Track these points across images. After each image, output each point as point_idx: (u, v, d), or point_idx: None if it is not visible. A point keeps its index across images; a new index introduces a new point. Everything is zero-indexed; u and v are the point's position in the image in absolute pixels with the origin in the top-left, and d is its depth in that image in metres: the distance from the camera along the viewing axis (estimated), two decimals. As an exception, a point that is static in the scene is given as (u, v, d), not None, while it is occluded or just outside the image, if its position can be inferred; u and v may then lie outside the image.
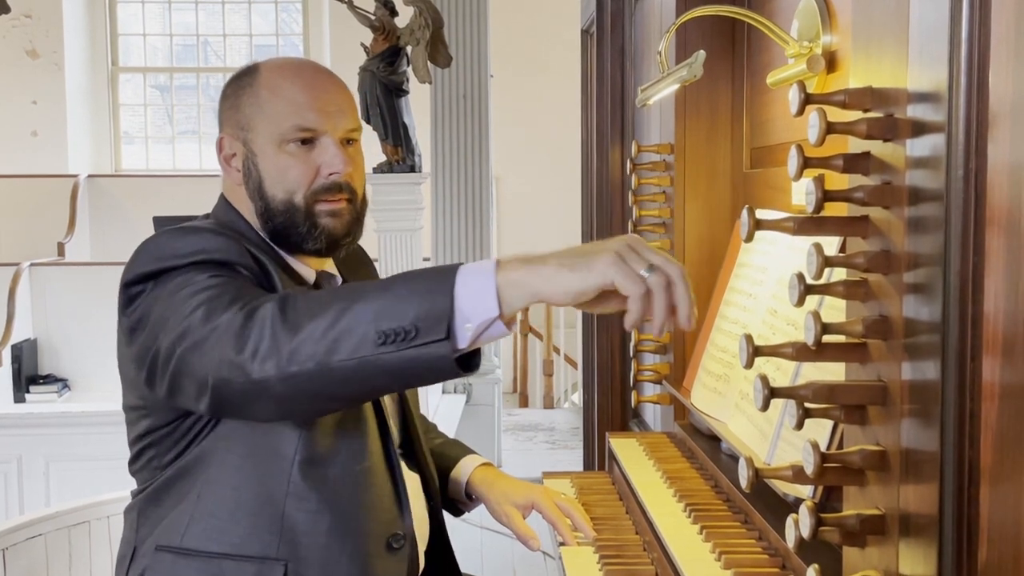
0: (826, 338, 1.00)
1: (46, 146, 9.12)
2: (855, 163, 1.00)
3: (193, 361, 1.35)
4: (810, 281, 1.01)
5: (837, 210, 1.03)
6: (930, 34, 0.89)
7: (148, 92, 10.02)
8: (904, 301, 0.93)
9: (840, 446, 1.29)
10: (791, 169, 1.04)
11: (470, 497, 1.86)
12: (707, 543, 1.57)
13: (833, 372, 1.28)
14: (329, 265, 1.70)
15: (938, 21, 0.87)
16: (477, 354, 1.29)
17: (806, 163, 1.02)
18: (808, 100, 1.05)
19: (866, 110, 0.99)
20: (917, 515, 0.91)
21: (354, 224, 1.62)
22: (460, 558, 1.82)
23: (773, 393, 1.03)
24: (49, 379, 6.64)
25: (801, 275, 1.01)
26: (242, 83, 1.62)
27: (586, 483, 2.22)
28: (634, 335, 2.39)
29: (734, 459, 1.82)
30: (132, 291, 1.49)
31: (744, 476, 1.08)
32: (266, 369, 1.28)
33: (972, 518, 0.85)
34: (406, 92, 5.84)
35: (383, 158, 5.74)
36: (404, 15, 5.83)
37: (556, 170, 9.03)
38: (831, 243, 1.40)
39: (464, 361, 1.27)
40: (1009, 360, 0.81)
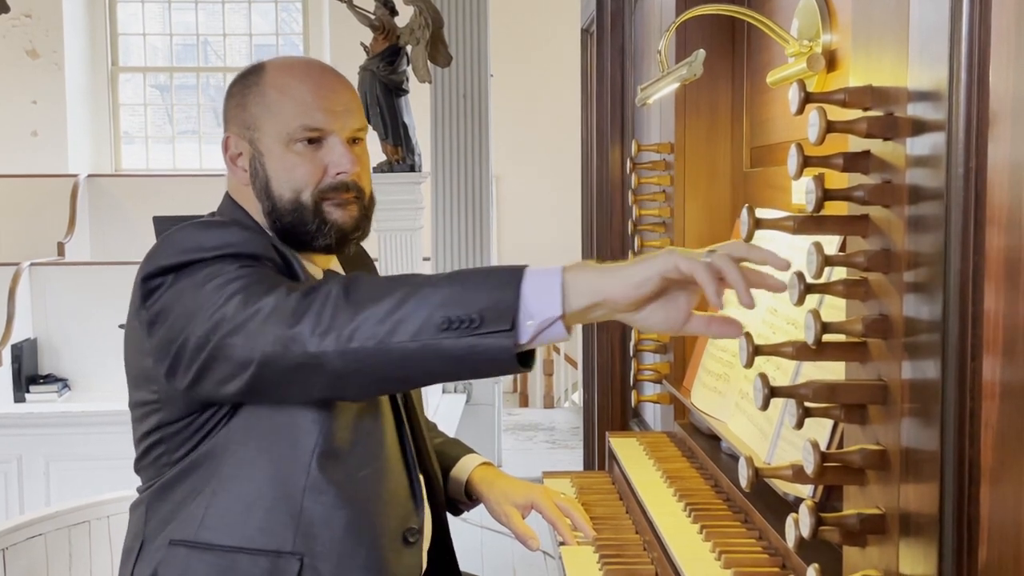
0: (826, 337, 1.00)
1: (46, 146, 9.11)
2: (855, 162, 1.00)
3: (235, 344, 1.36)
4: (810, 280, 1.01)
5: (837, 209, 1.03)
6: (930, 33, 0.88)
7: (148, 92, 10.02)
8: (904, 300, 0.93)
9: (840, 445, 1.29)
10: (791, 168, 1.04)
11: (470, 496, 1.86)
12: (707, 542, 1.57)
13: (833, 371, 1.27)
14: (335, 264, 1.70)
15: (938, 20, 0.87)
16: (534, 352, 1.31)
17: (806, 162, 1.02)
18: (808, 99, 1.04)
19: (866, 109, 0.99)
20: (917, 514, 0.91)
21: (363, 220, 1.62)
22: (460, 558, 1.82)
23: (773, 392, 1.03)
24: (49, 379, 6.64)
25: (801, 274, 1.01)
26: (248, 82, 1.62)
27: (586, 483, 2.22)
28: (634, 335, 2.39)
29: (734, 458, 1.82)
30: (152, 284, 1.49)
31: (744, 475, 1.08)
32: (326, 343, 1.30)
33: (972, 517, 0.85)
34: (406, 91, 5.84)
35: (383, 158, 5.74)
36: (404, 14, 5.83)
37: (556, 170, 9.03)
38: (831, 242, 1.40)
39: (522, 357, 1.28)
40: (1009, 359, 0.81)
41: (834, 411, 1.02)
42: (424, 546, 1.67)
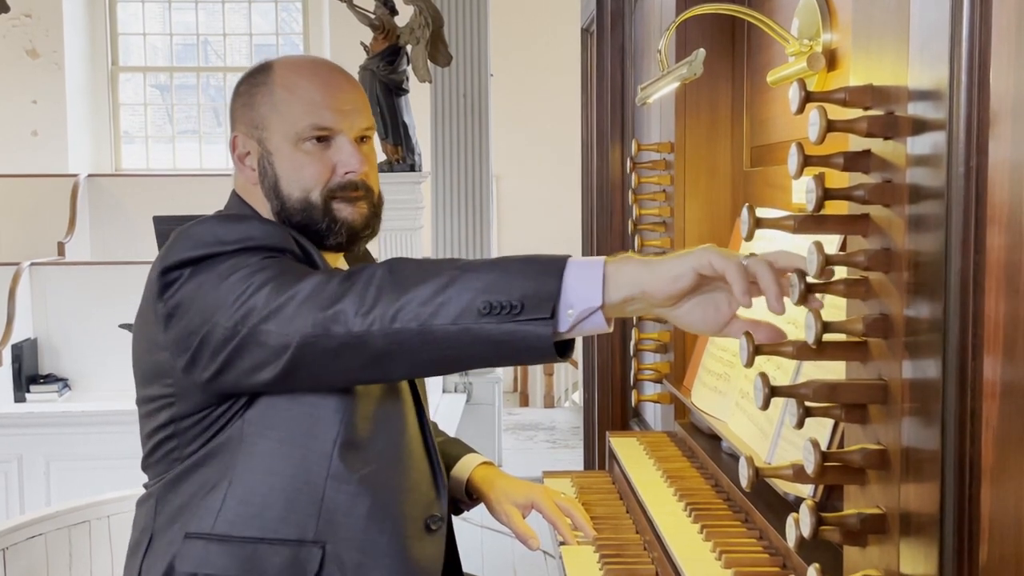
0: (827, 337, 1.00)
1: (46, 146, 9.11)
2: (855, 161, 1.00)
3: (269, 330, 1.37)
4: (811, 279, 1.01)
5: (837, 208, 1.03)
6: (931, 32, 0.88)
7: (148, 92, 10.02)
8: (905, 299, 0.92)
9: (841, 445, 1.29)
10: (791, 167, 1.04)
11: (470, 496, 1.86)
12: (707, 542, 1.57)
13: (834, 371, 1.27)
14: (341, 263, 1.70)
15: (939, 19, 0.87)
16: (572, 342, 1.32)
17: (806, 161, 1.02)
18: (808, 98, 1.04)
19: (866, 108, 0.99)
20: (918, 514, 0.91)
21: (372, 218, 1.63)
22: (460, 557, 1.81)
23: (773, 392, 1.03)
24: (49, 379, 6.63)
25: (801, 273, 1.01)
26: (256, 81, 1.62)
27: (586, 482, 2.22)
28: (634, 334, 2.39)
29: (734, 458, 1.82)
30: (170, 277, 1.49)
31: (744, 475, 1.07)
32: (369, 323, 1.32)
33: (973, 517, 0.85)
34: (406, 91, 5.85)
35: (383, 157, 5.74)
36: (404, 14, 5.83)
37: (556, 169, 9.03)
38: (831, 241, 1.40)
39: (560, 347, 1.30)
40: (1010, 358, 0.81)
41: (835, 411, 1.02)
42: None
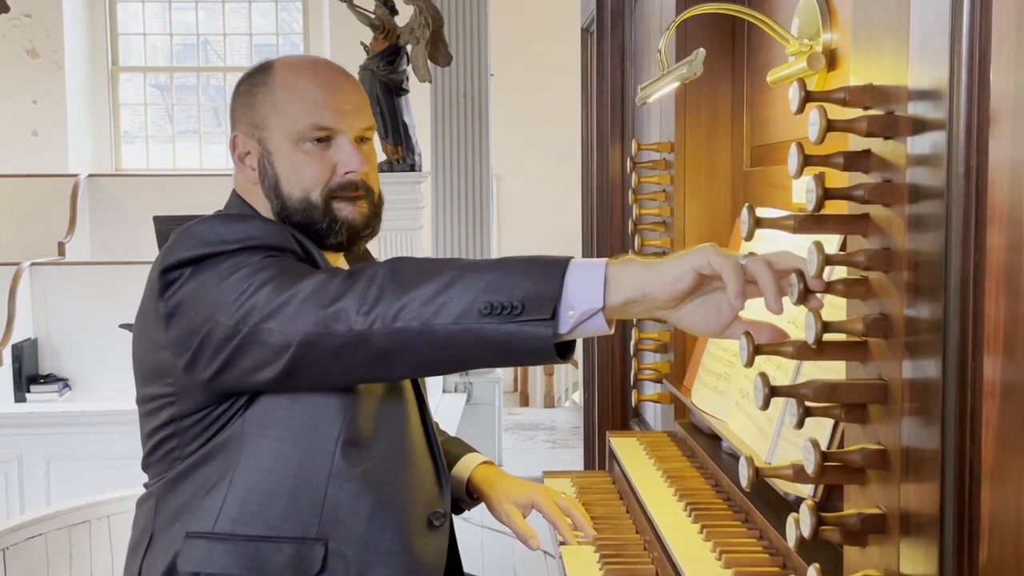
0: (827, 336, 1.00)
1: (46, 146, 9.11)
2: (855, 161, 1.00)
3: (270, 329, 1.37)
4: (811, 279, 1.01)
5: (837, 208, 1.03)
6: (931, 31, 0.88)
7: (148, 92, 10.02)
8: (905, 299, 0.92)
9: (841, 445, 1.29)
10: (791, 167, 1.04)
11: (471, 495, 1.86)
12: (707, 542, 1.57)
13: (834, 371, 1.27)
14: (342, 263, 1.70)
15: (939, 18, 0.87)
16: (573, 344, 1.32)
17: (806, 161, 1.02)
18: (808, 98, 1.04)
19: (866, 108, 0.99)
20: (918, 514, 0.91)
21: (373, 217, 1.63)
22: (461, 557, 1.81)
23: (773, 392, 1.03)
24: (49, 379, 6.63)
25: (801, 273, 1.01)
26: (256, 81, 1.62)
27: (586, 482, 2.22)
28: (635, 334, 2.39)
29: (735, 458, 1.82)
30: (171, 276, 1.49)
31: (744, 475, 1.07)
32: (371, 322, 1.32)
33: (973, 516, 0.85)
34: (406, 91, 5.85)
35: (383, 157, 5.74)
36: (404, 14, 5.83)
37: (556, 169, 9.02)
38: (831, 241, 1.40)
39: (561, 348, 1.30)
40: (1010, 358, 0.81)
41: (835, 410, 1.02)
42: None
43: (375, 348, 1.33)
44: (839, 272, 1.04)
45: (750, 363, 1.06)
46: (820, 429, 1.38)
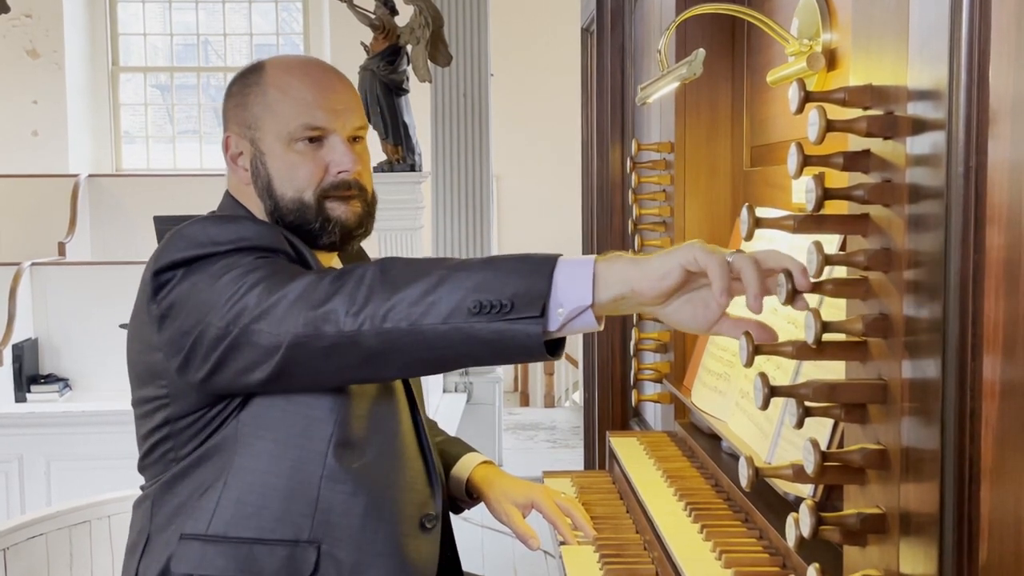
0: (826, 336, 1.00)
1: (46, 146, 9.11)
2: (855, 161, 1.00)
3: (260, 330, 1.37)
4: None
5: (837, 208, 1.03)
6: (930, 31, 0.88)
7: (149, 92, 10.02)
8: (904, 299, 0.92)
9: (840, 445, 1.29)
10: (791, 167, 1.04)
11: (471, 495, 1.86)
12: (707, 542, 1.57)
13: (833, 370, 1.27)
14: (336, 262, 1.70)
15: (938, 18, 0.87)
16: (563, 341, 1.32)
17: (806, 161, 1.02)
18: (808, 98, 1.04)
19: (866, 108, 0.99)
20: (918, 514, 0.91)
21: (366, 217, 1.63)
22: (461, 557, 1.81)
23: (773, 392, 1.03)
24: (50, 379, 6.63)
25: (789, 273, 1.01)
26: (248, 81, 1.62)
27: (586, 482, 2.22)
28: (635, 334, 2.39)
29: (734, 458, 1.82)
30: (163, 278, 1.49)
31: (744, 475, 1.07)
32: (360, 323, 1.32)
33: (973, 516, 0.85)
34: (406, 91, 5.84)
35: (383, 157, 5.74)
36: (404, 14, 5.83)
37: (556, 169, 9.03)
38: (831, 241, 1.40)
39: (551, 345, 1.29)
40: (1009, 358, 0.81)
41: (834, 410, 1.02)
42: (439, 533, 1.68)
43: (365, 349, 1.33)
44: (838, 272, 1.04)
45: (750, 363, 1.06)
46: (820, 429, 1.38)
